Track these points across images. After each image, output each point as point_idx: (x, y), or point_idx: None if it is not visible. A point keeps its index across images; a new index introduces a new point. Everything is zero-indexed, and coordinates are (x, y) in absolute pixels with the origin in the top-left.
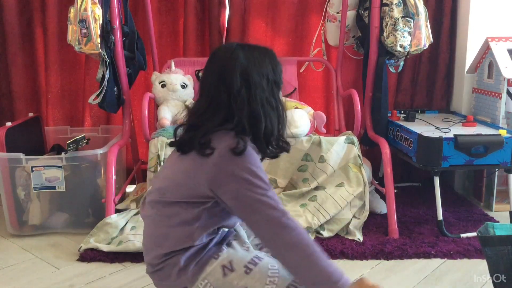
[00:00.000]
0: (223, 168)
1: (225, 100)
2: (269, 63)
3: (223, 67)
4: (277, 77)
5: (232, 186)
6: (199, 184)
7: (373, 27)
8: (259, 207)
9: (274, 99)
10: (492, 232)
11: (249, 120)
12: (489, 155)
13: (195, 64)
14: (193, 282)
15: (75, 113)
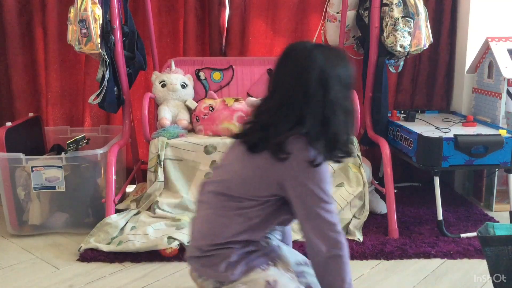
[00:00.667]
0: (298, 177)
1: (300, 100)
2: (344, 65)
3: (300, 66)
4: (350, 80)
5: (301, 192)
6: (269, 184)
7: (373, 27)
8: (318, 218)
9: (348, 102)
10: (492, 232)
11: (322, 123)
12: (489, 155)
13: (195, 64)
14: (234, 280)
15: (75, 113)
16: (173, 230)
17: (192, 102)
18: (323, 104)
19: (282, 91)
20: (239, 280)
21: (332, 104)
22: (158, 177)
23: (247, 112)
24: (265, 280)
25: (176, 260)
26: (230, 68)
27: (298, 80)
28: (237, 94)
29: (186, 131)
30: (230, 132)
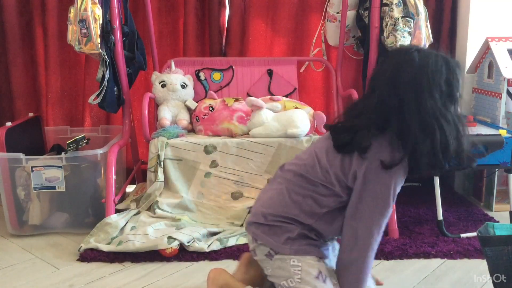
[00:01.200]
0: (367, 175)
1: (396, 104)
2: (445, 73)
3: (396, 68)
4: (451, 90)
5: (362, 187)
6: (346, 174)
7: (373, 27)
8: (367, 213)
9: (448, 112)
10: (492, 232)
11: (420, 131)
12: (489, 155)
13: (195, 64)
14: (290, 254)
15: (75, 113)
16: (173, 230)
17: (192, 102)
18: (418, 110)
19: (380, 92)
20: (295, 256)
21: (428, 111)
22: (158, 177)
23: (247, 112)
24: (318, 268)
25: (176, 260)
26: (230, 68)
27: (393, 81)
28: (237, 94)
29: (186, 131)
30: (230, 132)
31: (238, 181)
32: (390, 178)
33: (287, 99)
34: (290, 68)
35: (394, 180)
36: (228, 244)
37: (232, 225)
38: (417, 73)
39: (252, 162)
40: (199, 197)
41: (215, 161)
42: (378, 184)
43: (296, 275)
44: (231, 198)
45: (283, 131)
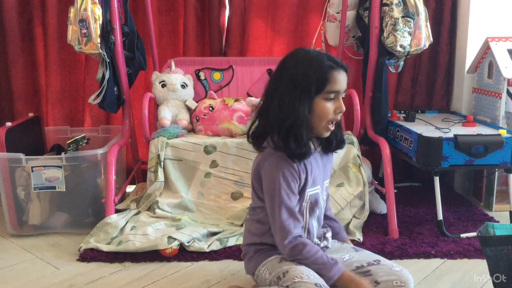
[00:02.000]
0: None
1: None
2: (308, 64)
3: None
4: (306, 81)
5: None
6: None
7: (373, 27)
8: (269, 210)
9: (298, 102)
10: (492, 232)
11: (276, 117)
12: (489, 155)
13: (195, 64)
14: (255, 270)
15: (75, 113)
16: (173, 230)
17: (192, 102)
18: (277, 101)
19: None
20: (259, 267)
21: (276, 97)
22: (158, 177)
23: (247, 112)
24: (280, 257)
25: (176, 260)
26: (230, 68)
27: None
28: (237, 94)
29: (186, 131)
30: (230, 132)
31: (238, 181)
32: (275, 171)
33: None
34: None
35: (280, 171)
36: (228, 244)
37: (232, 225)
38: (282, 62)
39: (252, 162)
40: (199, 197)
41: (215, 161)
42: (267, 180)
43: (265, 274)
44: (231, 198)
45: None
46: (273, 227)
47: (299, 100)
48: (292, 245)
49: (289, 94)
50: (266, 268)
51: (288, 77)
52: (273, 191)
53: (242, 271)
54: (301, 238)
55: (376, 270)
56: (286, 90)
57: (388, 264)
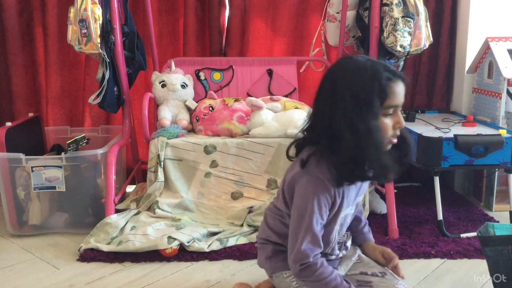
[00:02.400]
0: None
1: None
2: (359, 73)
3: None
4: (369, 96)
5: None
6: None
7: (373, 27)
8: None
9: (361, 121)
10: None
11: (328, 136)
12: (489, 155)
13: (195, 64)
14: (272, 272)
15: (75, 113)
16: (173, 230)
17: (192, 102)
18: (329, 118)
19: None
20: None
21: (338, 119)
22: (158, 177)
23: (247, 112)
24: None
25: (176, 260)
26: (230, 68)
27: (319, 91)
28: (237, 94)
29: (186, 131)
30: (230, 132)
31: (238, 181)
32: (311, 193)
33: (287, 99)
34: (290, 68)
35: (315, 195)
36: (228, 244)
37: (232, 225)
38: (330, 76)
39: (252, 162)
40: (199, 197)
41: (215, 161)
42: (300, 198)
43: (293, 283)
44: (231, 198)
45: (283, 131)
46: (291, 244)
47: (367, 119)
48: (305, 265)
49: (356, 113)
50: (292, 277)
51: (348, 92)
52: (303, 212)
53: (242, 271)
54: (315, 259)
55: (378, 283)
56: (349, 108)
57: (393, 281)
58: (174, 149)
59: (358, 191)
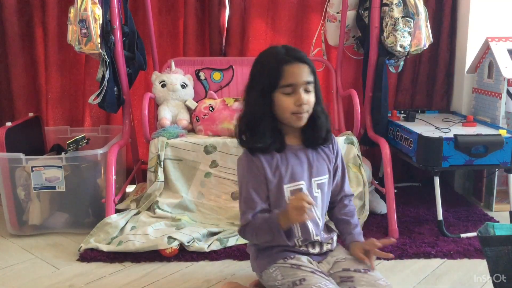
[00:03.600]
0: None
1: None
2: (264, 62)
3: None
4: (260, 77)
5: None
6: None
7: (373, 27)
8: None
9: (251, 96)
10: (492, 232)
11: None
12: (489, 155)
13: (195, 64)
14: (262, 270)
15: (75, 113)
16: (173, 230)
17: (192, 102)
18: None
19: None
20: (265, 271)
21: (247, 94)
22: (158, 177)
23: None
24: (291, 263)
25: (176, 260)
26: (230, 68)
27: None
28: (237, 94)
29: (186, 131)
30: (230, 132)
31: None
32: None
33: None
34: None
35: (243, 166)
36: (228, 244)
37: (232, 225)
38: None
39: None
40: (199, 197)
41: (215, 161)
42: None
43: (278, 276)
44: (231, 198)
45: None
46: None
47: (256, 97)
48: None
49: (250, 92)
50: (278, 270)
51: (250, 75)
52: (240, 185)
53: (242, 271)
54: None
55: (360, 278)
56: (248, 88)
57: (376, 276)
58: (174, 149)
59: (309, 167)
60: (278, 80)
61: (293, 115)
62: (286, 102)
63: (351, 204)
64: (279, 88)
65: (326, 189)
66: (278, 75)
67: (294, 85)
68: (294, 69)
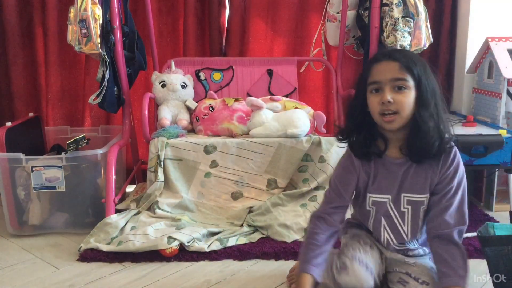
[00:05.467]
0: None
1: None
2: (365, 63)
3: None
4: (360, 77)
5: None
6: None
7: (373, 27)
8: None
9: (354, 97)
10: (492, 232)
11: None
12: (489, 155)
13: (195, 64)
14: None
15: (75, 113)
16: (173, 230)
17: (192, 102)
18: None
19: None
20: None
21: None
22: (158, 177)
23: (247, 112)
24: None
25: (176, 260)
26: (230, 68)
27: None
28: (237, 94)
29: (186, 131)
30: (230, 132)
31: (238, 181)
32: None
33: (287, 99)
34: (290, 68)
35: (340, 162)
36: (228, 244)
37: (232, 225)
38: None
39: (252, 162)
40: (199, 197)
41: (215, 161)
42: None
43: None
44: (231, 198)
45: (283, 131)
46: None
47: (357, 98)
48: (311, 218)
49: (355, 94)
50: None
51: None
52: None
53: (242, 271)
54: (323, 219)
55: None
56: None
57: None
58: (174, 149)
59: (396, 182)
60: (367, 79)
61: (381, 116)
62: (372, 102)
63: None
64: (368, 86)
65: (420, 207)
66: (368, 74)
67: (378, 82)
68: (381, 66)
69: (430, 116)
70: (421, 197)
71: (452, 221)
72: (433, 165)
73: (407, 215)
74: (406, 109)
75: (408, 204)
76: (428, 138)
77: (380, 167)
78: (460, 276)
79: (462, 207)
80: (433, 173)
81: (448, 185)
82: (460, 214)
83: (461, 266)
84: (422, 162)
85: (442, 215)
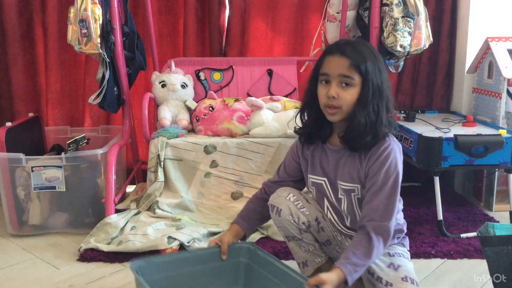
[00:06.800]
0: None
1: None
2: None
3: None
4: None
5: None
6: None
7: (373, 27)
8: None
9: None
10: (492, 232)
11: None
12: (489, 155)
13: (195, 64)
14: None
15: (75, 113)
16: (173, 230)
17: (192, 102)
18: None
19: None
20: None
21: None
22: (158, 177)
23: (247, 112)
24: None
25: None
26: (230, 68)
27: None
28: (237, 94)
29: (186, 131)
30: (230, 132)
31: (238, 181)
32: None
33: (287, 99)
34: (290, 68)
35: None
36: None
37: None
38: None
39: (252, 162)
40: (199, 197)
41: (215, 161)
42: None
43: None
44: (231, 198)
45: (283, 131)
46: None
47: (311, 84)
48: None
49: (309, 80)
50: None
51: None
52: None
53: None
54: (264, 188)
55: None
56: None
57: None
58: (174, 149)
59: (335, 168)
60: (319, 69)
61: (325, 108)
62: (321, 92)
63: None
64: (319, 76)
65: (352, 194)
66: (320, 64)
67: (326, 75)
68: (333, 59)
69: (367, 115)
70: (352, 186)
71: (373, 215)
72: (362, 157)
73: (343, 202)
74: (348, 105)
75: (343, 192)
76: (359, 132)
77: (319, 151)
78: (349, 261)
79: (389, 205)
80: (360, 165)
81: (372, 178)
82: (386, 212)
83: (357, 254)
84: (355, 152)
85: (365, 207)
